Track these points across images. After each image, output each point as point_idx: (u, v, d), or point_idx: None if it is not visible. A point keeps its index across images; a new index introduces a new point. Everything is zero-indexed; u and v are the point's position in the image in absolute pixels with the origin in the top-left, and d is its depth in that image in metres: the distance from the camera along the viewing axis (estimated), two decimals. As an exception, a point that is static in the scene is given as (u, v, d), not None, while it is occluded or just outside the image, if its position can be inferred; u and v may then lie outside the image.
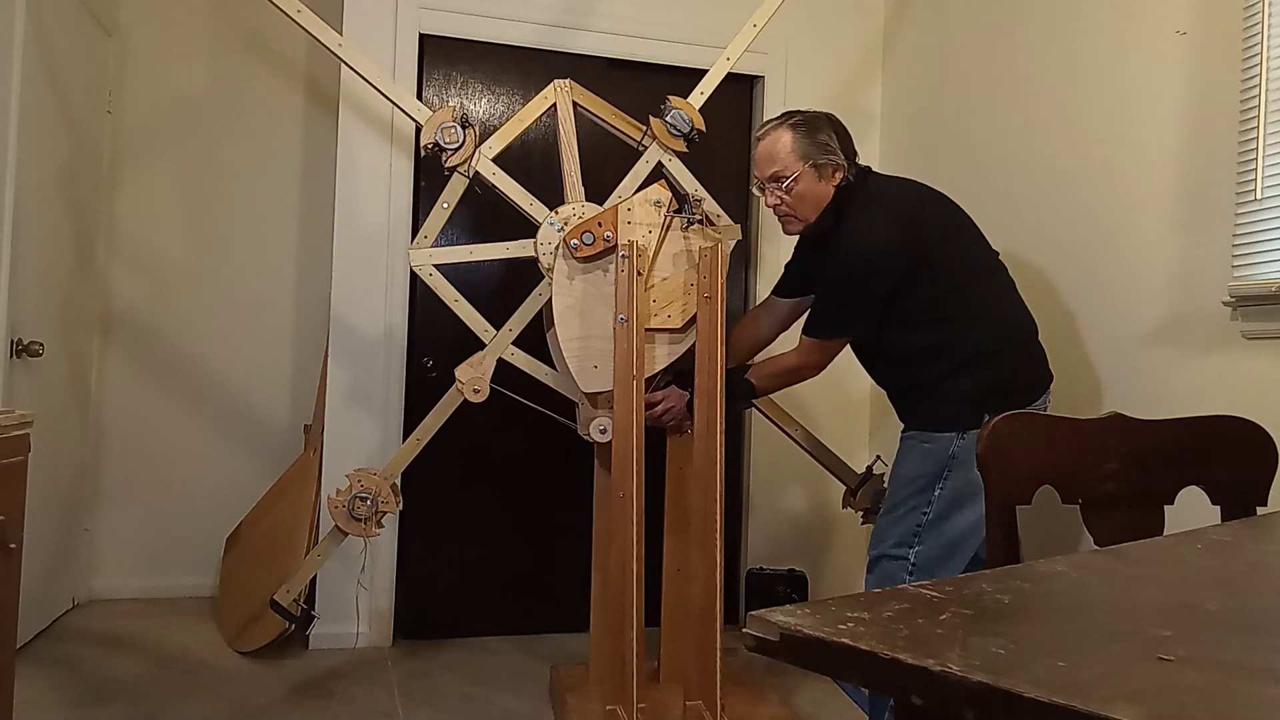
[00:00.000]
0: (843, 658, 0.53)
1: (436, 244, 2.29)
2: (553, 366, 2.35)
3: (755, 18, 2.43)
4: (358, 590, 2.84)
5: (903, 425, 2.12)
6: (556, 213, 2.26)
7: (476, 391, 2.25)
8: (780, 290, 2.38)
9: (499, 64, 3.09)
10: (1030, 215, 2.50)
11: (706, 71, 2.43)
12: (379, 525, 2.29)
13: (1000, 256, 2.11)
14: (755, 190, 2.18)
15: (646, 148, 2.37)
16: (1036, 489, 1.26)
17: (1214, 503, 1.29)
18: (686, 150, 2.37)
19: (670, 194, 2.20)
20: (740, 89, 3.27)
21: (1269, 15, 1.80)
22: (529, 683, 2.61)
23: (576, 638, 2.79)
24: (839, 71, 3.34)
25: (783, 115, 2.12)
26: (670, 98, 2.36)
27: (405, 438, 2.91)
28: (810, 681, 2.59)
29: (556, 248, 2.20)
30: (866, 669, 0.53)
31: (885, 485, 2.53)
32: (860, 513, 2.58)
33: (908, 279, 1.98)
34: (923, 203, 2.08)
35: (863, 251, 1.99)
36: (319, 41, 2.25)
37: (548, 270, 2.23)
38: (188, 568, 3.30)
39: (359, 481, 2.27)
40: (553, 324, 2.24)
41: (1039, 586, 0.72)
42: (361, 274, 2.91)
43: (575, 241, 2.15)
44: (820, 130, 2.06)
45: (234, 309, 3.40)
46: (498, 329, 2.31)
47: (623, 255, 2.13)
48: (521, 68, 3.08)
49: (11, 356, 2.54)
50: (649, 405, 2.27)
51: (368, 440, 2.91)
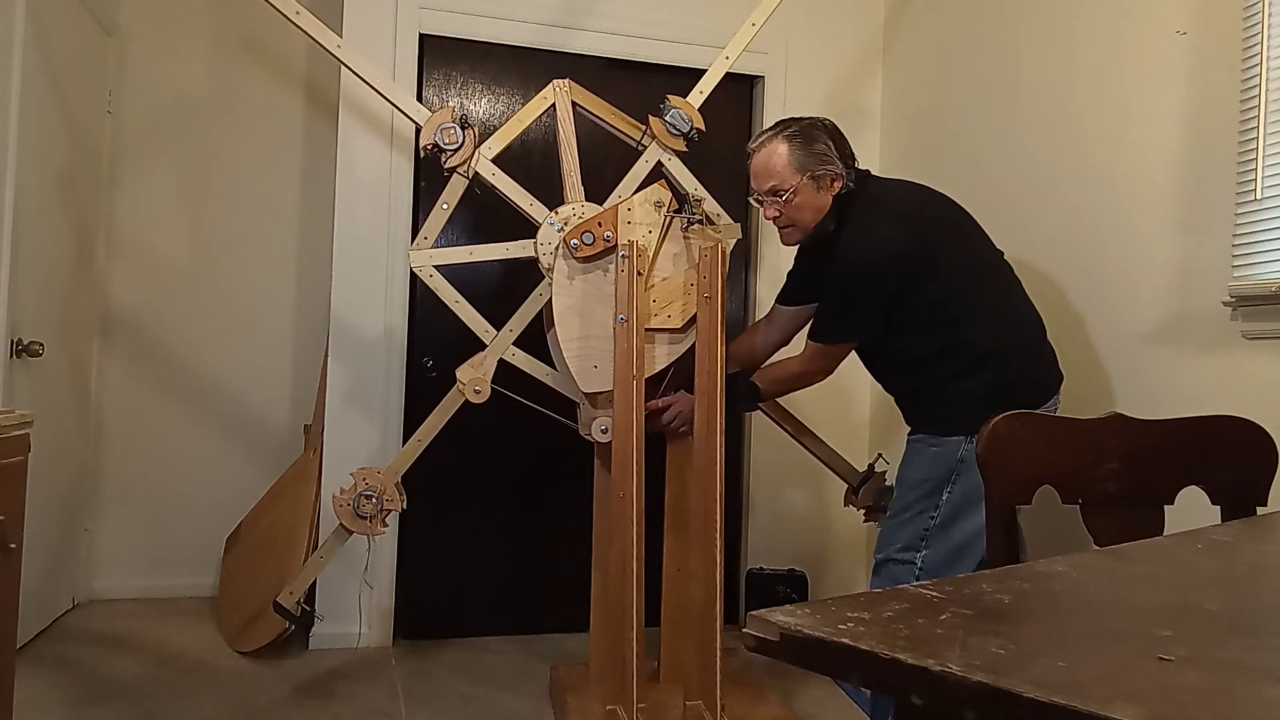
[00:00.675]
0: (843, 658, 0.53)
1: (436, 245, 2.30)
2: (553, 367, 2.36)
3: (754, 17, 2.43)
4: (361, 589, 2.84)
5: (909, 428, 2.11)
6: (556, 213, 2.26)
7: (478, 392, 2.26)
8: (784, 298, 2.37)
9: (499, 64, 3.09)
10: (1030, 215, 2.50)
11: (706, 71, 2.43)
12: (384, 524, 2.30)
13: (1005, 256, 2.10)
14: (753, 202, 2.16)
15: (646, 147, 2.37)
16: (1036, 489, 1.26)
17: (1214, 503, 1.29)
18: (686, 150, 2.38)
19: (670, 194, 2.21)
20: (740, 89, 3.27)
21: (1269, 15, 1.80)
22: (529, 683, 2.61)
23: (576, 638, 2.79)
24: (839, 71, 3.34)
25: (777, 125, 2.08)
26: (669, 97, 2.36)
27: (405, 438, 2.92)
28: (810, 681, 2.59)
29: (556, 248, 2.20)
30: (866, 669, 0.53)
31: (887, 483, 2.53)
32: (862, 511, 2.58)
33: (911, 282, 1.97)
34: (924, 204, 2.07)
35: (864, 255, 1.98)
36: (318, 43, 2.25)
37: (548, 270, 2.23)
38: (188, 568, 3.30)
39: (364, 480, 2.27)
40: (553, 324, 2.24)
41: (1039, 586, 0.72)
42: (361, 274, 2.91)
43: (575, 241, 2.15)
44: (816, 140, 2.03)
45: (234, 309, 3.40)
46: (498, 329, 2.31)
47: (623, 255, 2.13)
48: (521, 68, 3.08)
49: (11, 356, 2.54)
50: (658, 411, 2.27)
51: (368, 440, 2.91)
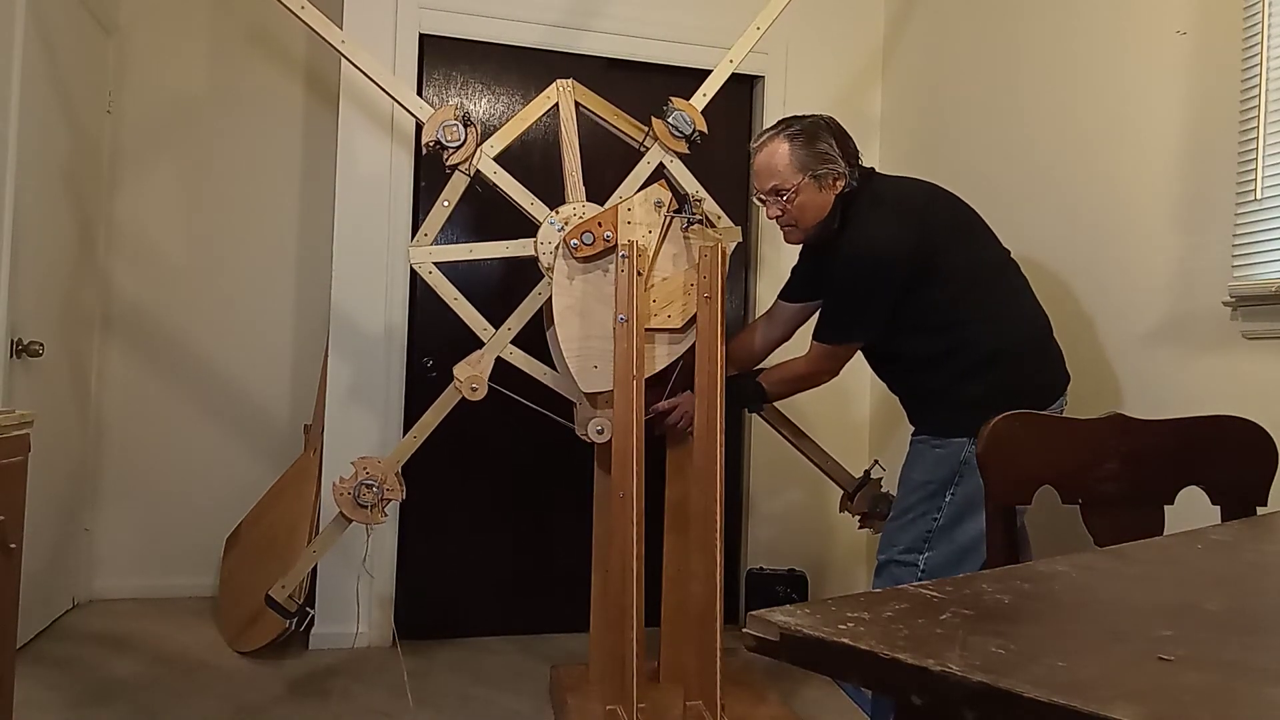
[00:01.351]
0: (843, 658, 0.53)
1: (437, 242, 2.30)
2: (552, 366, 2.35)
3: (759, 20, 2.42)
4: (360, 578, 2.82)
5: (913, 428, 2.10)
6: (557, 212, 2.26)
7: (474, 390, 2.25)
8: (786, 294, 2.36)
9: (499, 64, 3.10)
10: (1030, 215, 2.50)
11: (707, 71, 2.42)
12: (384, 513, 2.29)
13: (1011, 255, 2.08)
14: (756, 201, 2.15)
15: (648, 148, 2.37)
16: (1036, 489, 1.26)
17: (1214, 503, 1.29)
18: (688, 152, 2.37)
19: (670, 194, 2.20)
20: (741, 89, 3.27)
21: (1269, 15, 1.80)
22: (529, 683, 2.61)
23: (576, 638, 2.79)
24: (839, 72, 3.34)
25: (779, 124, 2.07)
26: (672, 99, 2.36)
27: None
28: (810, 681, 2.59)
29: (556, 247, 2.20)
30: (866, 669, 0.53)
31: (883, 490, 2.52)
32: (857, 517, 2.58)
33: (915, 281, 1.95)
34: (929, 203, 2.05)
35: (867, 254, 1.96)
36: (322, 38, 2.25)
37: (547, 269, 2.23)
38: (188, 568, 3.30)
39: (364, 469, 2.27)
40: (552, 323, 2.24)
41: (1039, 586, 0.72)
42: (362, 273, 2.92)
43: (575, 241, 2.15)
44: (818, 138, 2.02)
45: (234, 308, 3.40)
46: (497, 328, 2.31)
47: (623, 255, 2.13)
48: (522, 68, 3.08)
49: (11, 356, 2.54)
50: (663, 413, 2.27)
51: (368, 440, 2.90)
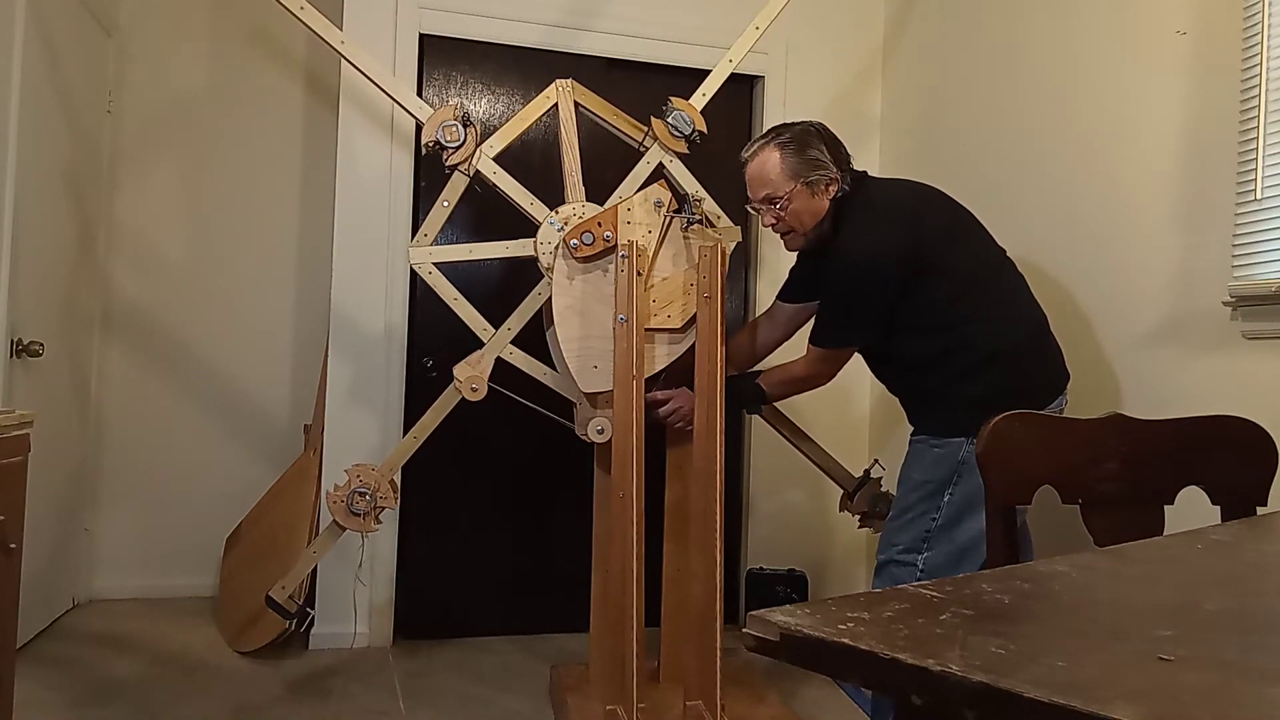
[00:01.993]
0: (843, 658, 0.53)
1: (436, 242, 2.30)
2: (551, 366, 2.35)
3: (758, 20, 2.42)
4: (355, 586, 2.83)
5: (912, 428, 2.10)
6: (557, 212, 2.26)
7: (474, 390, 2.25)
8: (784, 295, 2.36)
9: (499, 64, 3.09)
10: (1030, 216, 2.50)
11: (707, 71, 2.42)
12: (377, 520, 2.29)
13: (1007, 254, 2.09)
14: (750, 210, 2.15)
15: (648, 148, 2.37)
16: (1036, 489, 1.26)
17: (1214, 503, 1.29)
18: (688, 152, 2.37)
19: (670, 194, 2.20)
20: (740, 89, 3.27)
21: (1269, 15, 1.80)
22: (529, 683, 2.61)
23: (576, 638, 2.80)
24: (839, 72, 3.34)
25: (769, 133, 2.08)
26: (672, 99, 2.36)
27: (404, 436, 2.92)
28: (810, 681, 2.59)
29: (556, 247, 2.20)
30: (866, 669, 0.53)
31: (883, 490, 2.52)
32: (857, 517, 2.58)
33: (911, 283, 1.96)
34: (922, 205, 2.05)
35: (861, 258, 1.97)
36: (322, 39, 2.25)
37: (547, 270, 2.23)
38: (188, 568, 3.30)
39: (358, 477, 2.27)
40: (552, 323, 2.24)
41: (1039, 586, 0.72)
42: (362, 273, 2.91)
43: (575, 241, 2.15)
44: (809, 145, 2.02)
45: (234, 308, 3.40)
46: (497, 328, 2.31)
47: (622, 255, 2.13)
48: (522, 68, 3.08)
49: (11, 356, 2.54)
50: (656, 404, 2.27)
51: (368, 440, 2.90)
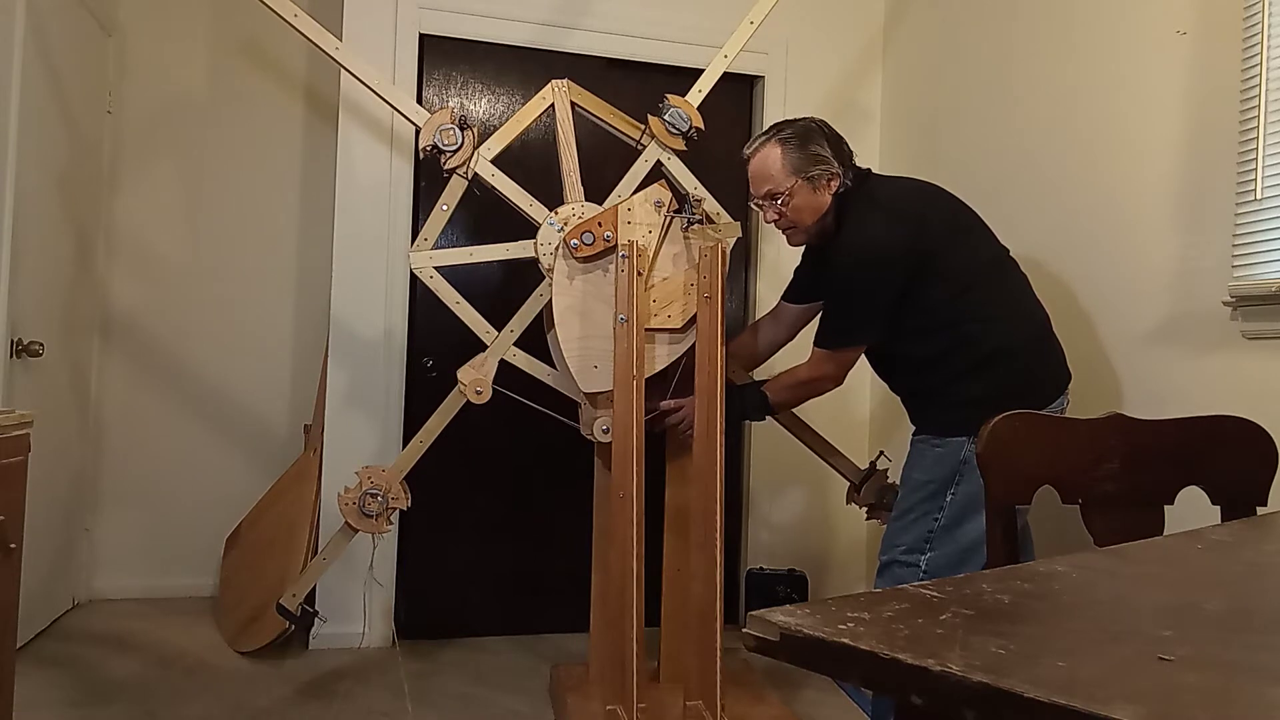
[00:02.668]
0: (843, 658, 0.53)
1: (437, 246, 2.29)
2: (554, 367, 2.35)
3: (752, 15, 2.42)
4: (368, 586, 2.83)
5: (914, 428, 2.10)
6: (556, 213, 2.26)
7: (479, 393, 2.26)
8: (789, 295, 2.36)
9: (499, 64, 3.09)
10: (1030, 216, 2.50)
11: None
12: (389, 521, 2.30)
13: (1010, 253, 2.08)
14: (753, 206, 2.16)
15: (645, 147, 2.37)
16: (1036, 489, 1.26)
17: (1214, 503, 1.29)
18: (686, 149, 2.37)
19: (670, 194, 2.20)
20: (740, 89, 3.27)
21: (1269, 15, 1.80)
22: (529, 683, 2.61)
23: (576, 638, 2.79)
24: (839, 71, 3.34)
25: (770, 130, 2.08)
26: (668, 96, 2.36)
27: (406, 437, 2.92)
28: (810, 681, 2.59)
29: (557, 248, 2.20)
30: (866, 669, 0.53)
31: (889, 481, 2.53)
32: (864, 509, 2.58)
33: (914, 282, 1.95)
34: (925, 202, 2.05)
35: (863, 257, 1.97)
36: (317, 46, 2.25)
37: (548, 271, 2.23)
38: (188, 568, 3.30)
39: (369, 479, 2.27)
40: (553, 325, 2.24)
41: (1039, 586, 0.72)
42: (361, 274, 2.91)
43: (575, 241, 2.15)
44: (810, 140, 2.02)
45: (234, 309, 3.40)
46: (498, 330, 2.31)
47: (623, 255, 2.13)
48: (521, 67, 3.08)
49: (11, 356, 2.54)
50: (667, 413, 2.26)
51: (368, 440, 2.91)
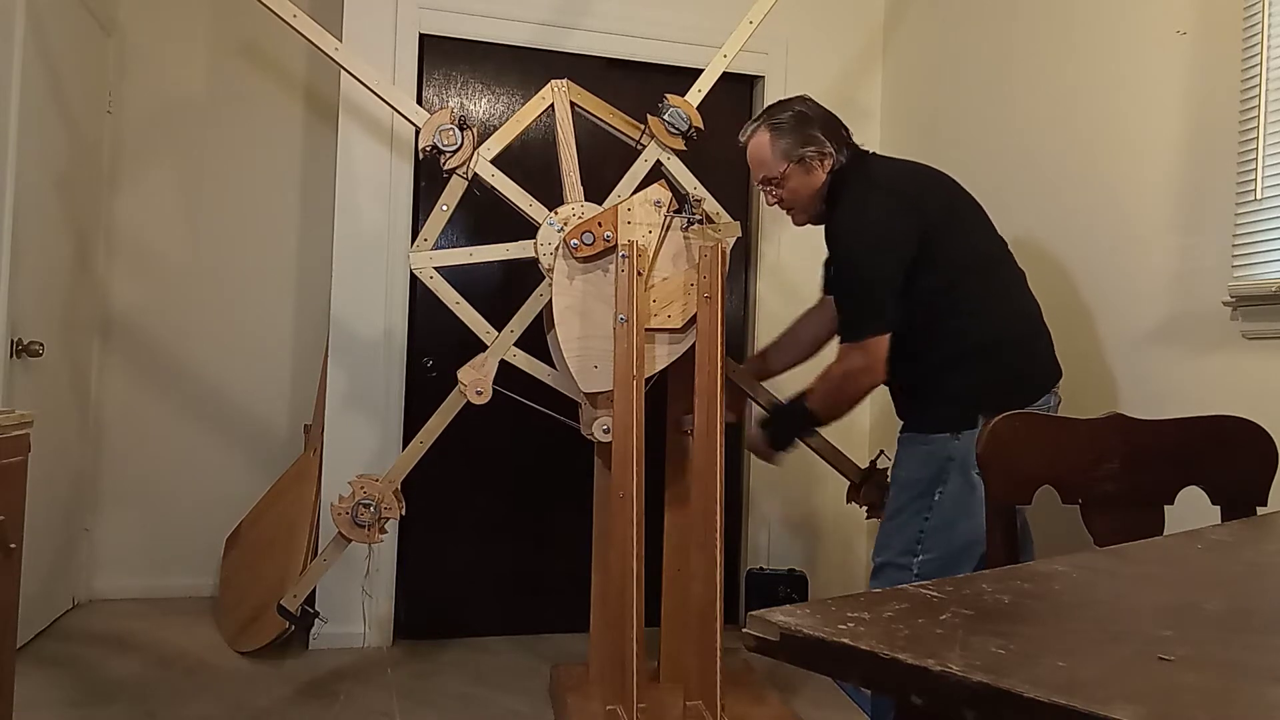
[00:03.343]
0: (843, 658, 0.53)
1: (437, 246, 2.29)
2: (554, 368, 2.35)
3: (751, 14, 2.42)
4: (362, 597, 2.85)
5: (900, 424, 2.09)
6: (556, 213, 2.26)
7: (479, 393, 2.25)
8: (824, 286, 2.30)
9: (499, 64, 3.09)
10: (1029, 215, 2.50)
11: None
12: (382, 531, 2.30)
13: (1008, 246, 2.04)
14: (757, 187, 2.17)
15: (645, 146, 2.37)
16: (1036, 489, 1.26)
17: (1214, 503, 1.29)
18: (685, 149, 2.37)
19: (670, 194, 2.20)
20: (740, 89, 3.27)
21: (1269, 15, 1.80)
22: (529, 683, 2.61)
23: (576, 638, 2.79)
24: (839, 71, 3.34)
25: (763, 114, 2.09)
26: (668, 96, 2.36)
27: (406, 437, 2.92)
28: (810, 681, 2.59)
29: (557, 248, 2.20)
30: (866, 669, 0.53)
31: (890, 480, 2.53)
32: (865, 508, 2.58)
33: (912, 267, 1.91)
34: (925, 185, 2.01)
35: (863, 237, 1.93)
36: (316, 47, 2.25)
37: (548, 271, 2.23)
38: (188, 568, 3.30)
39: (362, 488, 2.27)
40: (553, 326, 2.24)
41: (1039, 586, 0.72)
42: (361, 274, 2.91)
43: (575, 241, 2.15)
44: (801, 123, 2.02)
45: (234, 309, 3.40)
46: (498, 329, 2.31)
47: (623, 255, 2.13)
48: (522, 67, 3.08)
49: (11, 356, 2.54)
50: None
51: (368, 440, 2.91)
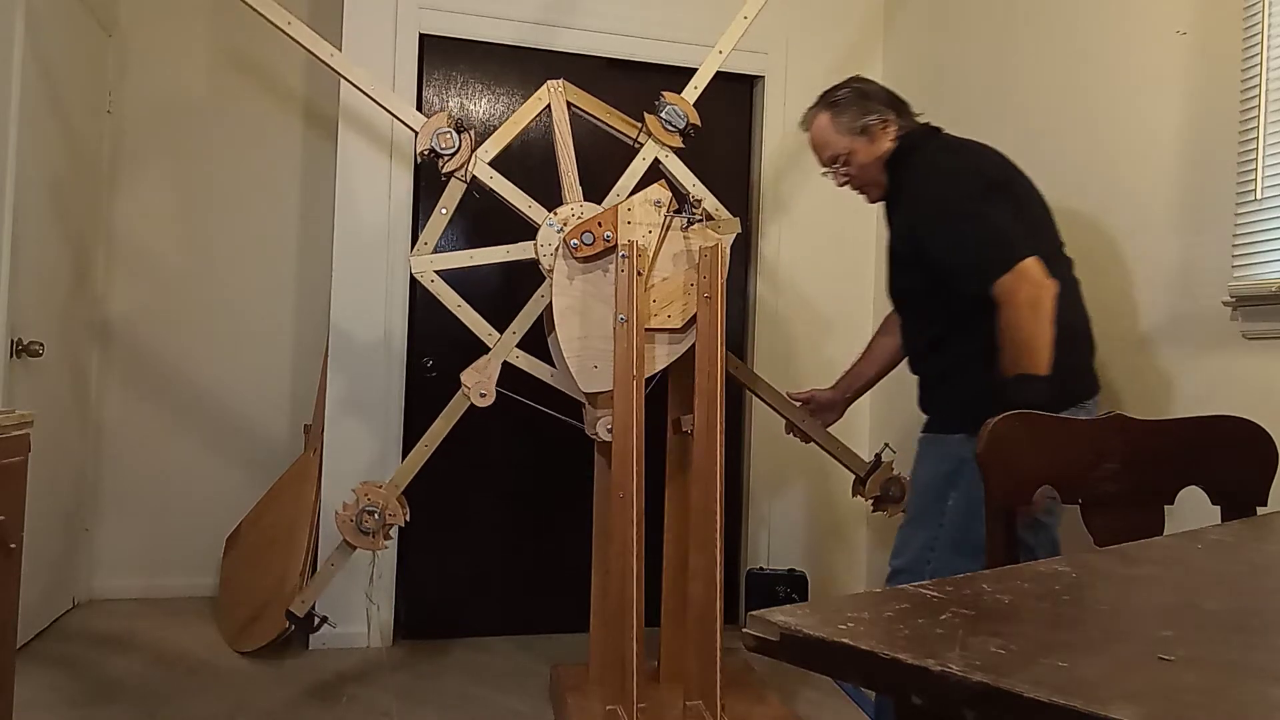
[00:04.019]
0: (843, 658, 0.53)
1: (437, 249, 2.28)
2: (554, 367, 2.35)
3: (746, 9, 2.41)
4: (367, 603, 2.86)
5: (922, 425, 2.01)
6: (555, 214, 2.26)
7: (483, 396, 2.25)
8: (891, 284, 2.07)
9: (499, 64, 3.09)
10: (1030, 215, 2.49)
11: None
12: (387, 538, 2.29)
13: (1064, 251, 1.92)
14: (825, 175, 2.13)
15: (643, 144, 2.36)
16: (1037, 489, 1.26)
17: (1214, 503, 1.29)
18: (683, 145, 2.36)
19: (670, 194, 2.20)
20: (740, 89, 3.27)
21: (1269, 15, 1.80)
22: (529, 683, 2.61)
23: (576, 638, 2.79)
24: (840, 71, 3.31)
25: (819, 98, 2.09)
26: (664, 93, 2.34)
27: (406, 437, 2.92)
28: (810, 681, 2.59)
29: (557, 249, 2.19)
30: (866, 669, 0.53)
31: (895, 474, 2.51)
32: (870, 501, 2.56)
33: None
34: (1005, 162, 1.94)
35: (949, 169, 1.88)
36: (312, 54, 2.22)
37: (548, 272, 2.22)
38: (188, 568, 3.30)
39: (365, 495, 2.26)
40: (553, 328, 2.24)
41: (1039, 586, 0.72)
42: (361, 274, 2.91)
43: (575, 241, 2.15)
44: (859, 96, 2.03)
45: (234, 308, 3.40)
46: (498, 329, 2.30)
47: (623, 255, 2.13)
48: (522, 67, 3.08)
49: (11, 356, 2.54)
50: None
51: (368, 440, 2.91)
